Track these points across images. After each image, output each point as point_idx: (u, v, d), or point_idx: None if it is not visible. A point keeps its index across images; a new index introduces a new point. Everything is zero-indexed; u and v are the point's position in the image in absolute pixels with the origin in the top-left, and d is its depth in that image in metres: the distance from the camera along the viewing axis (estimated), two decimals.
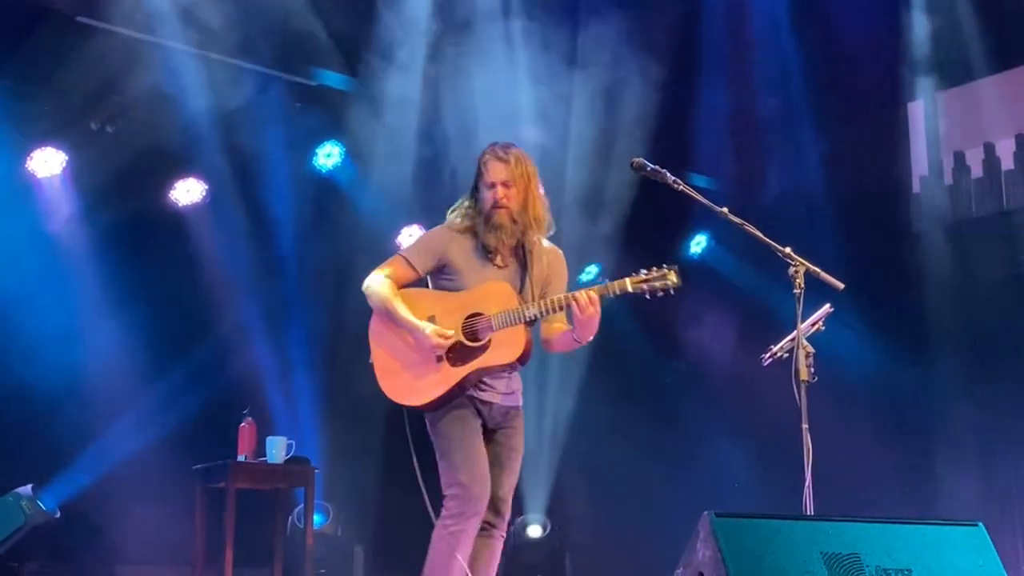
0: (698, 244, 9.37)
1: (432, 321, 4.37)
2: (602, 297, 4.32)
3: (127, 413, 7.13)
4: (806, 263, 4.44)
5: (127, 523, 7.00)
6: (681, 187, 4.59)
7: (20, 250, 6.86)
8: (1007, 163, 8.42)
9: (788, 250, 4.47)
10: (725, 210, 4.55)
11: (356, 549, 7.84)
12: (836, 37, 8.51)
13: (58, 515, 6.49)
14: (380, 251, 8.12)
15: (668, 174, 4.59)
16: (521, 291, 4.45)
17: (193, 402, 7.14)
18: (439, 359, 4.32)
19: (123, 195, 7.19)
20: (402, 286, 4.48)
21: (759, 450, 8.10)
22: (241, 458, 6.37)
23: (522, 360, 4.40)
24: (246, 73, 7.40)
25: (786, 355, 4.72)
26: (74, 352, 6.99)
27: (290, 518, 7.33)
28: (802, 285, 4.41)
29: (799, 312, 4.42)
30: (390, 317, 4.39)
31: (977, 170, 8.58)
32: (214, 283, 7.63)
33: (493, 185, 4.41)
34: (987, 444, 7.84)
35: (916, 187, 8.87)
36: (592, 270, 8.97)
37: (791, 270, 4.43)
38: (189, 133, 7.28)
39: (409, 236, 8.30)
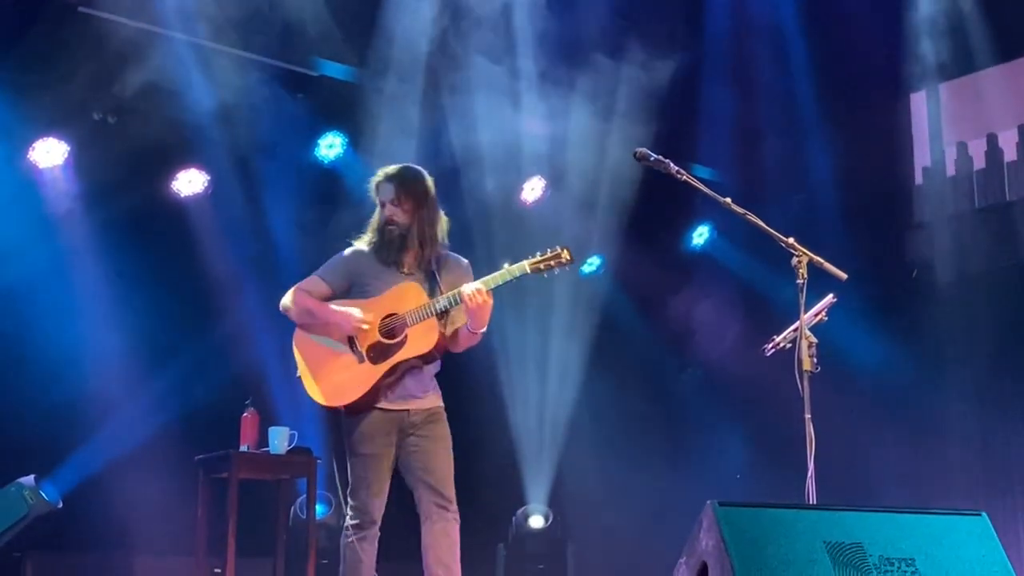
0: (700, 235, 9.36)
1: None
2: (498, 285, 4.55)
3: (130, 403, 7.12)
4: (809, 253, 4.44)
5: (130, 513, 7.00)
6: (684, 177, 4.60)
7: (22, 240, 6.84)
8: (1010, 154, 8.41)
9: (791, 240, 4.47)
10: (728, 200, 4.56)
11: None
12: (839, 28, 8.49)
13: (61, 505, 6.49)
14: None
15: (671, 164, 4.60)
16: (432, 297, 4.65)
17: (196, 392, 7.13)
18: (360, 359, 4.59)
19: (125, 185, 7.17)
20: None
21: (762, 440, 8.10)
22: (243, 448, 6.37)
23: (438, 350, 4.66)
24: (248, 63, 7.38)
25: (789, 345, 4.73)
26: (76, 343, 6.99)
27: (292, 508, 7.34)
28: (805, 275, 4.42)
29: (802, 302, 4.42)
30: (312, 316, 4.68)
31: (980, 161, 8.58)
32: (216, 273, 7.63)
33: (383, 203, 4.76)
34: (990, 434, 7.84)
35: (919, 178, 8.87)
36: (595, 261, 8.98)
37: (794, 260, 4.44)
38: (191, 124, 7.27)
39: None
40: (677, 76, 8.20)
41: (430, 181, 4.80)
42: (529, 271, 4.57)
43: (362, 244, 4.81)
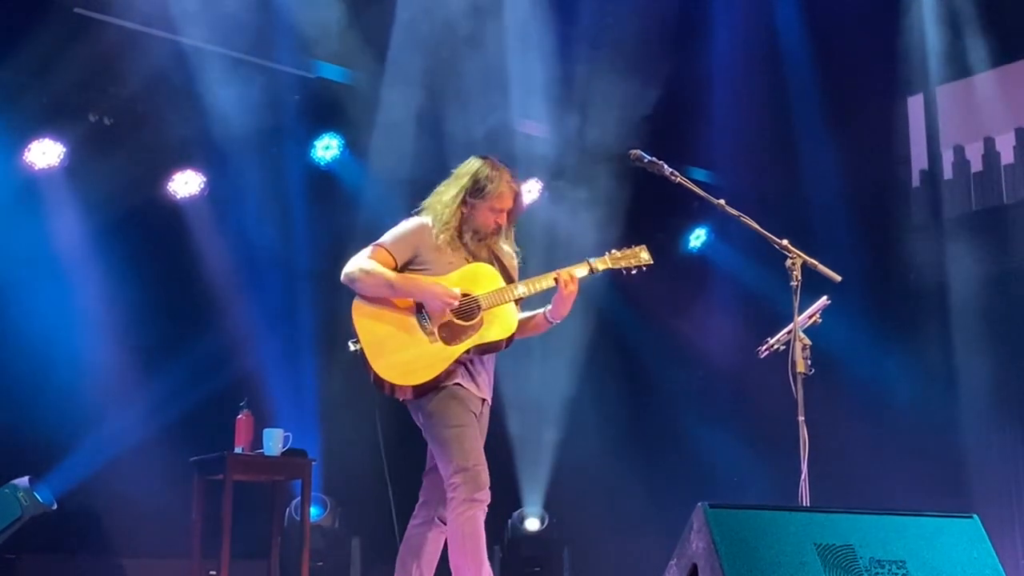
0: (697, 238, 9.36)
1: (420, 305, 4.43)
2: (582, 278, 4.49)
3: (124, 405, 7.12)
4: (803, 255, 4.44)
5: (124, 515, 7.00)
6: (678, 179, 4.60)
7: (18, 242, 6.85)
8: (1007, 157, 8.41)
9: (785, 242, 4.47)
10: (722, 202, 4.56)
11: (353, 541, 7.84)
12: (837, 31, 8.49)
13: (55, 507, 6.47)
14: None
15: (665, 166, 4.60)
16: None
17: (190, 394, 7.13)
18: (432, 338, 4.37)
19: (121, 187, 7.17)
20: None
21: (756, 442, 8.09)
22: (238, 450, 6.36)
23: (509, 342, 4.49)
24: (244, 65, 7.38)
25: (783, 347, 4.71)
26: (71, 344, 6.99)
27: (287, 510, 7.34)
28: (799, 277, 4.42)
29: (796, 304, 4.42)
30: (392, 290, 4.41)
31: (977, 164, 8.58)
32: (211, 275, 7.63)
33: (501, 211, 4.56)
34: (985, 437, 7.84)
35: (916, 181, 8.87)
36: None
37: (788, 262, 4.44)
38: (187, 125, 7.27)
39: None
40: (674, 78, 8.19)
41: None
42: (611, 266, 4.58)
43: (427, 218, 4.58)
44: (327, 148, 8.05)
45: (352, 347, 4.45)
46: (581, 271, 4.51)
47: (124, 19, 6.89)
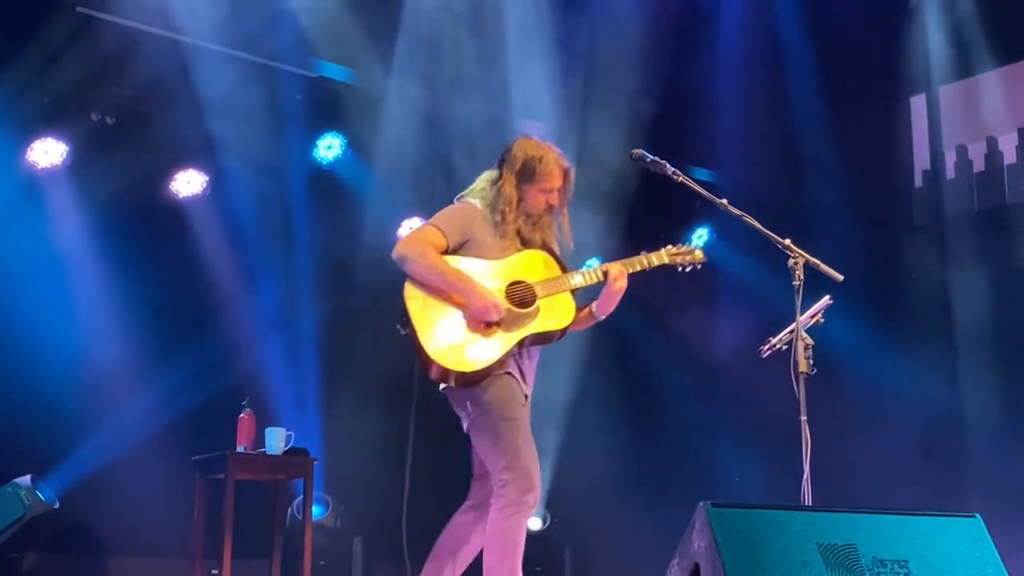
0: (699, 237, 9.35)
1: None
2: (635, 272, 4.49)
3: (126, 404, 7.11)
4: (805, 255, 4.44)
5: (126, 514, 7.00)
6: (681, 178, 4.61)
7: (20, 241, 6.86)
8: (1009, 157, 8.40)
9: (788, 242, 4.47)
10: (724, 201, 4.56)
11: (355, 541, 7.84)
12: (839, 31, 8.49)
13: (57, 506, 6.49)
14: (381, 242, 8.18)
15: (668, 165, 4.60)
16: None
17: (192, 393, 7.12)
18: (489, 324, 4.29)
19: (124, 186, 7.17)
20: None
21: (758, 442, 8.09)
22: (240, 449, 6.37)
23: (564, 333, 4.44)
24: (246, 64, 7.39)
25: (785, 347, 4.72)
26: (73, 343, 6.99)
27: (289, 509, 7.33)
28: (801, 277, 4.41)
29: (798, 304, 4.42)
30: (443, 281, 4.31)
31: (979, 164, 8.57)
32: (214, 274, 7.63)
33: (551, 191, 4.50)
34: (988, 436, 7.83)
35: (918, 181, 8.87)
36: (592, 263, 8.96)
37: (790, 262, 4.44)
38: (189, 124, 7.27)
39: (410, 228, 8.30)
40: (676, 78, 8.19)
41: None
42: (667, 261, 4.57)
43: (476, 201, 4.53)
44: (329, 147, 8.05)
45: (401, 331, 4.35)
46: (635, 266, 4.49)
47: (126, 18, 6.89)
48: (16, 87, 6.86)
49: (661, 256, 4.56)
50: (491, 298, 4.28)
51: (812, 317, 4.75)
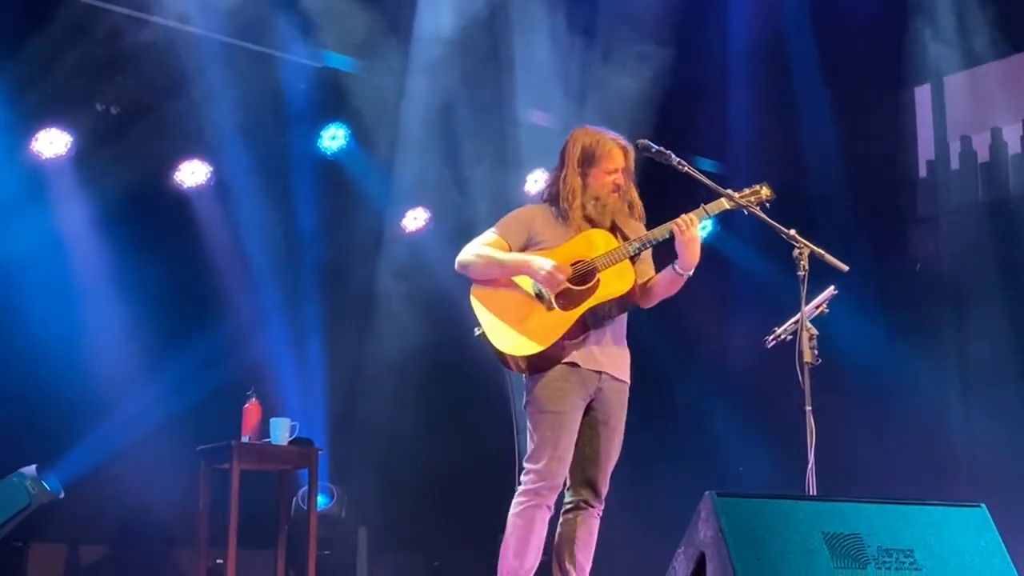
0: (704, 228, 9.33)
1: None
2: (702, 219, 4.46)
3: (132, 393, 7.13)
4: (811, 245, 4.43)
5: (131, 504, 7.02)
6: (686, 168, 4.59)
7: (25, 231, 6.86)
8: (1014, 147, 8.39)
9: (793, 232, 4.46)
10: (730, 192, 4.55)
11: (360, 530, 7.86)
12: (843, 20, 8.47)
13: (62, 495, 6.50)
14: (385, 233, 8.19)
15: (673, 155, 4.60)
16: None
17: (197, 383, 7.13)
18: (550, 307, 4.34)
19: (128, 176, 7.18)
20: None
21: (762, 432, 8.09)
22: (245, 439, 6.39)
23: (632, 296, 4.45)
24: (250, 54, 7.38)
25: (790, 337, 4.72)
26: (79, 333, 7.01)
27: (294, 499, 7.35)
28: (806, 267, 4.40)
29: (803, 294, 4.41)
30: (502, 267, 4.41)
31: (984, 155, 8.55)
32: (219, 264, 7.64)
33: (615, 171, 4.52)
34: (992, 427, 7.82)
35: (922, 171, 8.85)
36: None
37: (795, 252, 4.43)
38: (193, 114, 7.27)
39: (414, 219, 8.31)
40: (681, 68, 8.18)
41: None
42: (728, 207, 4.47)
43: (544, 203, 4.62)
44: (333, 138, 8.05)
45: (476, 332, 4.43)
46: (698, 215, 4.45)
47: (130, 7, 6.88)
48: (20, 77, 6.87)
49: (721, 204, 4.47)
50: (552, 264, 4.32)
51: (817, 307, 4.76)
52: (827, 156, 8.58)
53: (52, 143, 7.10)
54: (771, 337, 4.90)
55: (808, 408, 4.29)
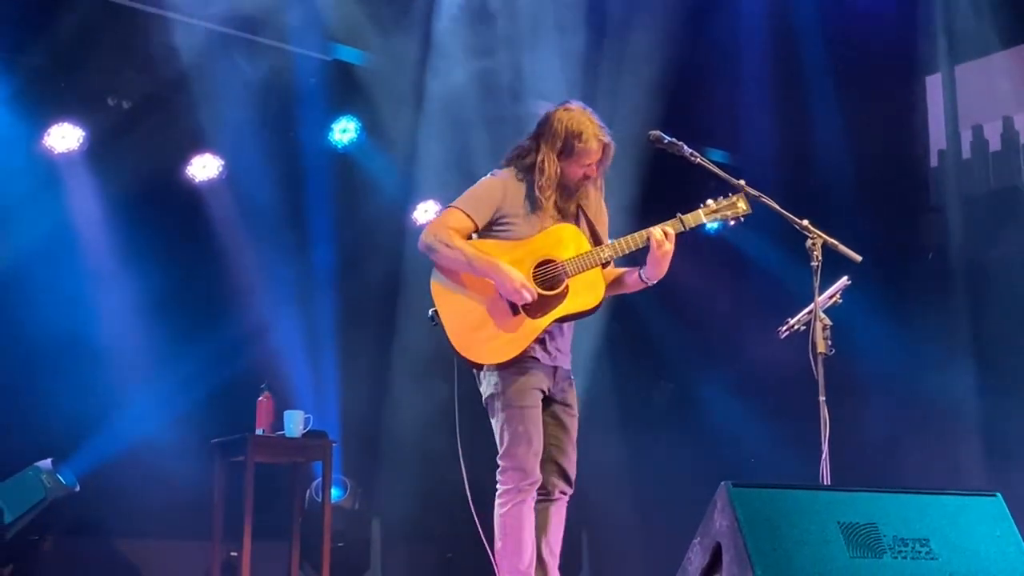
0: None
1: None
2: (677, 233, 4.37)
3: (146, 387, 7.16)
4: (824, 235, 4.43)
5: (146, 497, 7.03)
6: (698, 160, 4.59)
7: (38, 226, 6.89)
8: None
9: (806, 222, 4.46)
10: (742, 182, 4.54)
11: (374, 522, 7.88)
12: (854, 9, 8.45)
13: (78, 489, 6.53)
14: (395, 226, 8.20)
15: (685, 146, 4.59)
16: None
17: (211, 376, 7.16)
18: (516, 311, 4.27)
19: (140, 171, 7.20)
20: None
21: (776, 423, 8.09)
22: (259, 432, 6.40)
23: (597, 310, 4.40)
24: (261, 48, 7.39)
25: (803, 328, 4.72)
26: (92, 326, 7.03)
27: (308, 492, 7.37)
28: (819, 258, 4.40)
29: (816, 285, 4.41)
30: (470, 268, 4.30)
31: (996, 143, 8.53)
32: (231, 258, 7.65)
33: (590, 164, 4.44)
34: (1005, 417, 7.82)
35: (934, 160, 8.83)
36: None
37: (808, 242, 4.43)
38: (205, 109, 7.29)
39: (425, 212, 8.31)
40: (689, 58, 8.17)
41: None
42: (705, 220, 4.41)
43: (510, 175, 4.47)
44: (344, 131, 8.05)
45: (432, 323, 4.35)
46: (677, 227, 4.37)
47: (141, 2, 6.89)
48: (33, 72, 6.89)
49: (698, 216, 4.40)
50: (520, 281, 4.25)
51: (830, 298, 4.76)
52: (839, 146, 8.57)
53: (64, 138, 7.11)
54: (784, 328, 4.90)
55: (822, 398, 4.30)
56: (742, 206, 4.45)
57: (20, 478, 6.30)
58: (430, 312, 4.37)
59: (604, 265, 4.39)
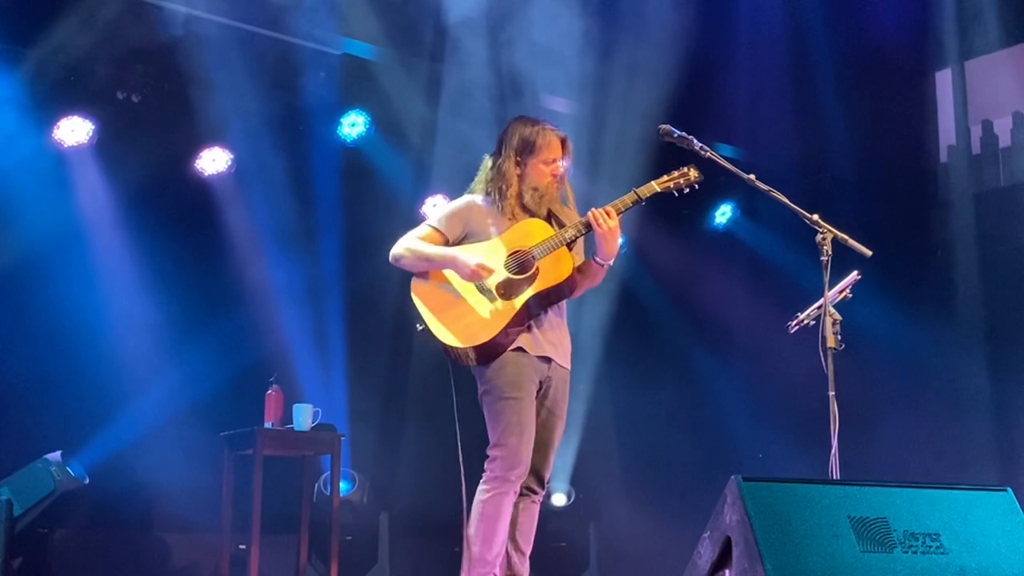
0: (723, 214, 9.32)
1: None
2: (627, 208, 4.49)
3: (156, 380, 7.16)
4: (834, 230, 4.42)
5: (155, 489, 7.05)
6: (708, 154, 4.59)
7: (48, 219, 6.90)
8: None
9: (816, 217, 4.45)
10: (752, 177, 4.54)
11: (381, 516, 7.88)
12: (864, 4, 8.44)
13: (87, 481, 6.54)
14: (404, 220, 8.19)
15: (695, 141, 4.59)
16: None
17: (220, 370, 7.16)
18: (492, 298, 4.40)
19: (150, 164, 7.20)
20: None
21: (785, 418, 8.09)
22: (268, 425, 6.41)
23: (571, 285, 4.49)
24: (270, 42, 7.40)
25: (813, 322, 4.73)
26: (102, 320, 7.04)
27: (316, 485, 7.38)
28: (829, 252, 4.40)
29: (826, 279, 4.41)
30: (430, 263, 4.49)
31: (1005, 139, 8.52)
32: (240, 251, 7.66)
33: (554, 161, 4.56)
34: (1015, 411, 7.82)
35: (943, 156, 8.82)
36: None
37: (819, 237, 4.43)
38: (214, 102, 7.29)
39: (433, 206, 8.31)
40: (699, 53, 8.16)
41: None
42: (659, 190, 4.53)
43: (478, 195, 4.64)
44: (353, 125, 8.05)
45: (419, 327, 4.49)
46: (625, 203, 4.48)
47: None
48: (43, 65, 6.89)
49: (651, 187, 4.53)
50: (476, 262, 4.39)
51: (840, 292, 4.75)
52: (849, 141, 8.57)
53: (74, 131, 7.12)
54: (794, 322, 4.90)
55: (831, 393, 4.29)
56: (693, 174, 4.59)
57: (30, 470, 6.31)
58: (418, 327, 4.49)
59: (570, 245, 4.48)
